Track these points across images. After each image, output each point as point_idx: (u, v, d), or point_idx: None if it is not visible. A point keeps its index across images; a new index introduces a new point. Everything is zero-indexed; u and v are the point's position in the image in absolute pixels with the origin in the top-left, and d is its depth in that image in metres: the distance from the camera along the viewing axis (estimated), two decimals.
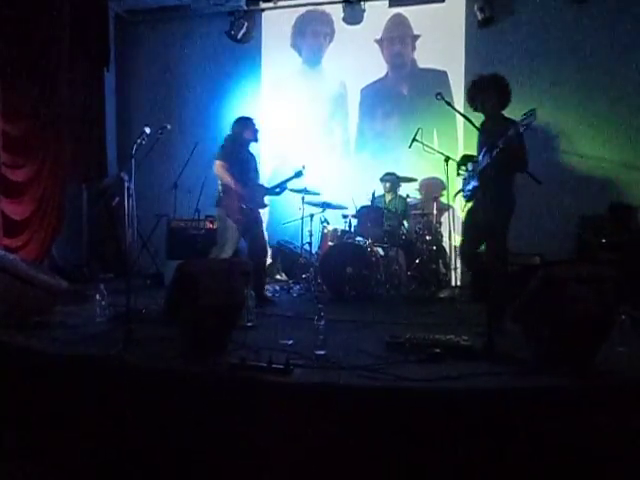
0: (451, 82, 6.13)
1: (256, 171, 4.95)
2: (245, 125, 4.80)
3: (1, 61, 5.29)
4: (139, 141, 3.55)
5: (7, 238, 5.34)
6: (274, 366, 2.66)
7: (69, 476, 2.74)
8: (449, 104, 3.56)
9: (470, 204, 3.84)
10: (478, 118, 3.70)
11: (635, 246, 5.03)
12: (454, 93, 6.08)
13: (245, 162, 4.74)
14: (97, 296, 4.12)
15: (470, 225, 3.83)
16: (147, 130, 3.66)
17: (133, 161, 3.53)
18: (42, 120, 5.74)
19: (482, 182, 3.57)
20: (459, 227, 5.13)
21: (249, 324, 3.77)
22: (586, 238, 5.27)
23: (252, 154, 4.97)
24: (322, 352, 3.00)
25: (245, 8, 6.71)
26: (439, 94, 3.56)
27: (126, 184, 3.40)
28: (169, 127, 4.23)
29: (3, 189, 5.32)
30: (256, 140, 4.90)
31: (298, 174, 5.06)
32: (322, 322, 3.02)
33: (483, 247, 3.74)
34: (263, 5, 6.87)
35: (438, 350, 3.01)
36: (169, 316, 3.07)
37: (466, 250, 3.88)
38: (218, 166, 4.58)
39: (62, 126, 5.97)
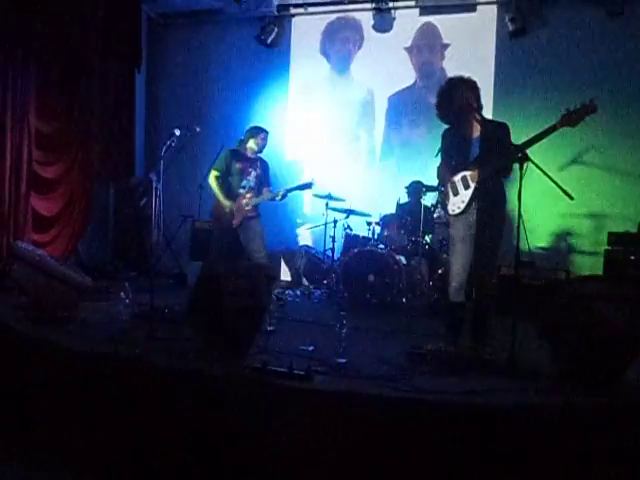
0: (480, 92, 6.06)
1: (258, 179, 4.93)
2: (252, 134, 4.92)
3: (36, 61, 5.41)
4: (169, 143, 3.60)
5: (36, 233, 5.45)
6: (295, 372, 2.65)
7: (90, 472, 2.77)
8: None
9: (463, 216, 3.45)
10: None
11: None
12: (483, 103, 6.01)
13: (241, 172, 4.85)
14: (121, 294, 4.17)
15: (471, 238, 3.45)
16: (177, 132, 3.71)
17: (162, 162, 3.57)
18: (74, 118, 5.87)
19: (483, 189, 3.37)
20: None
21: (270, 328, 3.77)
22: (614, 254, 5.16)
23: (262, 162, 5.00)
24: (343, 360, 2.99)
25: (276, 13, 6.74)
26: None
27: (154, 185, 3.43)
28: (198, 129, 4.27)
29: (34, 185, 5.43)
30: (259, 152, 4.95)
31: (306, 186, 5.04)
32: (344, 330, 3.01)
33: None
34: (293, 11, 6.90)
35: (461, 363, 2.98)
36: (192, 317, 3.09)
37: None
38: (211, 175, 4.90)
39: (93, 125, 6.09)
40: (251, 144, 4.90)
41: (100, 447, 2.83)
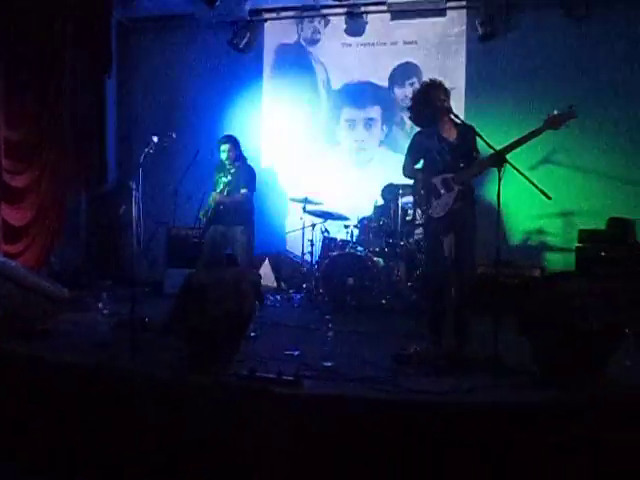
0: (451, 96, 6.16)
1: (228, 185, 4.96)
2: (216, 146, 5.19)
3: (4, 66, 5.28)
4: (147, 150, 3.56)
5: (7, 244, 5.31)
6: (284, 378, 2.65)
7: None
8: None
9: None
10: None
11: (633, 260, 5.07)
12: (455, 107, 6.05)
13: (216, 182, 5.12)
14: (100, 304, 4.10)
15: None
16: (155, 139, 3.67)
17: (141, 170, 3.52)
18: (43, 126, 5.73)
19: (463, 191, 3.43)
20: None
21: (252, 334, 3.75)
22: (585, 251, 5.30)
23: (237, 168, 5.00)
24: (329, 363, 3.01)
25: (248, 18, 6.73)
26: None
27: (134, 192, 3.40)
28: (174, 136, 4.24)
29: (3, 195, 5.29)
30: (230, 160, 5.05)
31: None
32: (330, 333, 3.03)
33: None
34: (266, 15, 6.89)
35: (446, 362, 3.02)
36: (176, 326, 3.06)
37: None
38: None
39: (63, 132, 5.96)
40: (221, 154, 5.10)
41: (86, 458, 2.77)
